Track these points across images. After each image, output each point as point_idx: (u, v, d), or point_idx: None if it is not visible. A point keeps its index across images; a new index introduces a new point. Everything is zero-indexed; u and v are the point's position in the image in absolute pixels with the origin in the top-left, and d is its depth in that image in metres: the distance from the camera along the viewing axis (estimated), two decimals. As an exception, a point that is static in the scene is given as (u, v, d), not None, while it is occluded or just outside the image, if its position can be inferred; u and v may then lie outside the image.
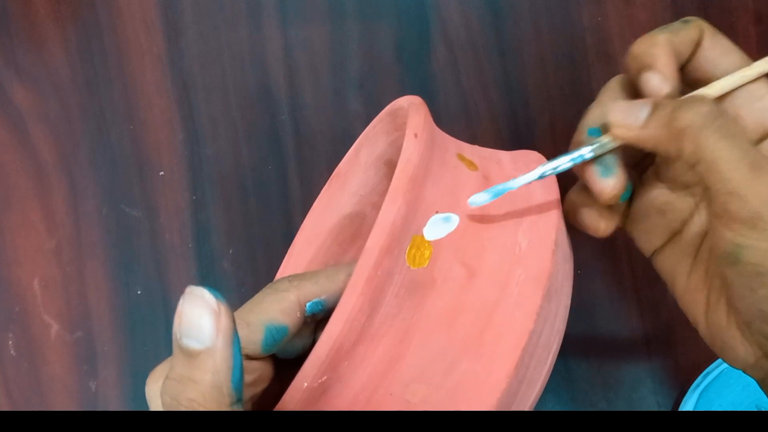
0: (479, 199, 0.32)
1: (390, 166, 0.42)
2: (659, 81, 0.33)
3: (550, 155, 0.39)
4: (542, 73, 0.54)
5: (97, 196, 0.54)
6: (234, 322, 0.25)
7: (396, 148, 0.41)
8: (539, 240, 0.33)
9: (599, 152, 0.33)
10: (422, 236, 0.31)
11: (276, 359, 0.34)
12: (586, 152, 0.33)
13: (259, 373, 0.33)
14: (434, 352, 0.30)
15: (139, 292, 0.53)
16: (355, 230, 0.45)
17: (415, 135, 0.31)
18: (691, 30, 0.34)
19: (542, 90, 0.54)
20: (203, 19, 0.55)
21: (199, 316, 0.24)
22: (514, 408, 0.31)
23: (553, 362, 0.34)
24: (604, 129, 0.34)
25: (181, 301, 0.25)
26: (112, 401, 0.52)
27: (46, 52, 0.55)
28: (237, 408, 0.25)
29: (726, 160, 0.29)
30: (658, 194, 0.36)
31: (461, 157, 0.35)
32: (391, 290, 0.29)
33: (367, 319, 0.29)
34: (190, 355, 0.25)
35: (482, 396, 0.30)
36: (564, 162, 0.33)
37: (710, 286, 0.34)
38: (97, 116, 0.55)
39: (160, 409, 0.29)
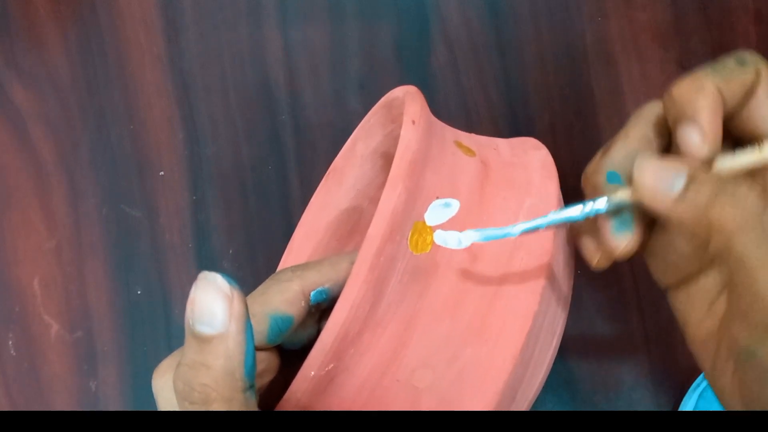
0: (467, 239, 0.30)
1: (386, 158, 0.43)
2: (699, 141, 0.28)
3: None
4: (542, 73, 0.55)
5: (97, 196, 0.54)
6: (247, 307, 0.25)
7: (392, 140, 0.41)
8: None
9: (615, 208, 0.30)
10: (424, 222, 0.31)
11: (281, 351, 0.34)
12: (601, 206, 0.30)
13: (265, 363, 0.33)
14: (439, 338, 0.30)
15: (139, 292, 0.53)
16: (352, 225, 0.45)
17: (413, 122, 0.31)
18: (746, 75, 0.29)
19: (542, 90, 0.54)
20: (203, 19, 0.56)
21: (212, 301, 0.24)
22: (519, 392, 0.31)
23: (557, 347, 0.34)
24: (625, 178, 0.30)
25: (193, 287, 0.25)
26: (112, 401, 0.52)
27: (46, 52, 0.55)
28: (250, 394, 0.25)
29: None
30: (679, 240, 0.31)
31: (459, 144, 0.35)
32: (394, 277, 0.29)
33: (371, 307, 0.29)
34: (203, 340, 0.24)
35: (488, 380, 0.30)
36: (575, 214, 0.30)
37: (720, 345, 0.30)
38: (97, 116, 0.55)
39: (167, 402, 0.29)
